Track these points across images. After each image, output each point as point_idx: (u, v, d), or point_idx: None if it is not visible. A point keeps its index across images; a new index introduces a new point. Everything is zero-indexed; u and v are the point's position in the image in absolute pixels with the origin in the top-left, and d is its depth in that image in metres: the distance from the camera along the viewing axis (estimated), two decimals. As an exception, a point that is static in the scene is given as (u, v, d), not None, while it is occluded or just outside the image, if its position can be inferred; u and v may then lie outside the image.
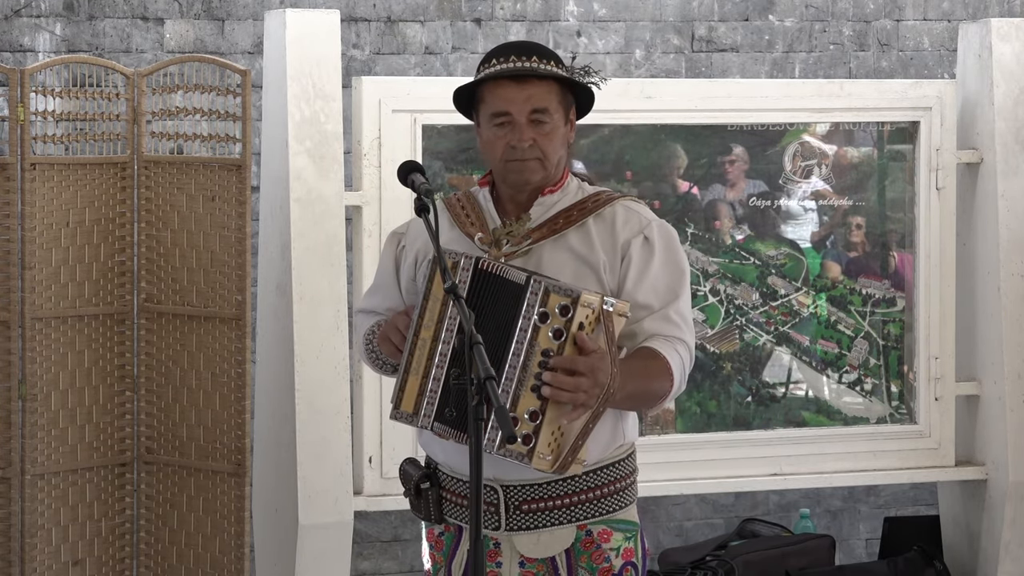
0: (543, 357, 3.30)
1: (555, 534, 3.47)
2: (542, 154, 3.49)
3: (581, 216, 3.52)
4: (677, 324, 3.49)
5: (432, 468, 3.57)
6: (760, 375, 5.75)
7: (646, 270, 3.49)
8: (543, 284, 3.32)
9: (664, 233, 3.53)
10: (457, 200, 3.63)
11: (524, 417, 3.30)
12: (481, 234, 3.54)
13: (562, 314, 3.30)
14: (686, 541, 6.50)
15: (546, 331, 3.31)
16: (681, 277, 3.53)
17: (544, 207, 3.54)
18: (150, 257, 5.27)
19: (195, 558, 5.27)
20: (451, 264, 3.40)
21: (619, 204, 3.54)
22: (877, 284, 5.83)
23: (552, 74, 3.49)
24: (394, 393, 3.47)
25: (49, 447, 5.14)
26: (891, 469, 5.84)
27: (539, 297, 3.31)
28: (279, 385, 5.19)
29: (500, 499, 3.46)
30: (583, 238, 3.51)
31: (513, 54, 3.51)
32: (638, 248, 3.49)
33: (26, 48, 5.91)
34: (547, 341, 3.31)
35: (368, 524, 6.20)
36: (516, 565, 3.50)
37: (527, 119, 3.47)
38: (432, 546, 3.60)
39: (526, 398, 3.30)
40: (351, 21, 6.17)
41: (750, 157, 5.71)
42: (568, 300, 3.31)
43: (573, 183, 3.59)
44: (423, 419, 3.42)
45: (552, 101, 3.49)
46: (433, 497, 3.54)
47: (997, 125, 5.75)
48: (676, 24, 6.53)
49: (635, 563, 3.53)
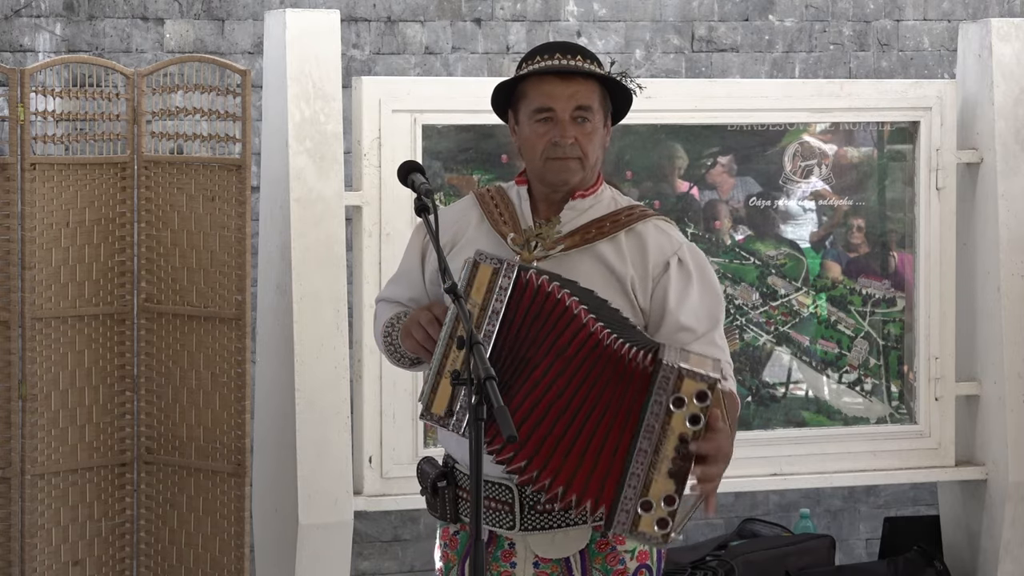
0: (680, 443, 3.27)
1: (570, 535, 3.46)
2: (583, 153, 3.48)
3: (614, 229, 3.50)
4: (721, 348, 3.51)
5: (450, 467, 3.56)
6: (760, 375, 5.75)
7: (686, 293, 3.48)
8: (677, 368, 3.27)
9: (696, 256, 3.53)
10: (490, 195, 3.60)
11: (659, 501, 3.28)
12: (514, 234, 3.51)
13: (699, 400, 3.27)
14: (686, 541, 6.50)
15: (682, 417, 3.27)
16: (719, 303, 3.54)
17: (576, 211, 3.53)
18: (150, 257, 5.27)
19: (195, 558, 5.27)
20: (491, 270, 3.36)
21: (651, 222, 3.53)
22: (877, 284, 5.83)
23: (597, 74, 3.49)
24: (424, 395, 3.40)
25: (49, 447, 5.14)
26: (891, 469, 5.84)
27: (672, 382, 3.27)
28: (279, 385, 5.19)
29: (515, 499, 3.45)
30: (615, 251, 3.49)
31: (558, 52, 3.50)
32: (675, 270, 3.48)
33: (26, 48, 5.91)
34: (682, 426, 3.27)
35: (368, 524, 6.20)
36: (530, 565, 3.49)
37: (570, 116, 3.47)
38: (446, 544, 3.59)
39: (660, 482, 3.27)
40: (351, 21, 6.17)
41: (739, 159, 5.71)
42: (706, 386, 3.27)
43: (607, 192, 3.57)
44: (455, 423, 3.39)
45: (595, 101, 3.49)
46: (449, 496, 3.53)
47: (997, 125, 5.75)
48: (676, 24, 6.53)
49: (650, 566, 3.52)
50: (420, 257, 3.63)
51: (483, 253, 3.39)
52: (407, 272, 3.66)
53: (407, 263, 3.67)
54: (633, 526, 3.28)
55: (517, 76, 3.52)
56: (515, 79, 3.52)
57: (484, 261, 3.37)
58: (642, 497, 3.27)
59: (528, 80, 3.50)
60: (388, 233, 5.26)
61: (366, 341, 5.25)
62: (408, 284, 3.65)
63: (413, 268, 3.64)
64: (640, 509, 3.27)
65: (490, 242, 3.51)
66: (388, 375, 5.28)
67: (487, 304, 3.35)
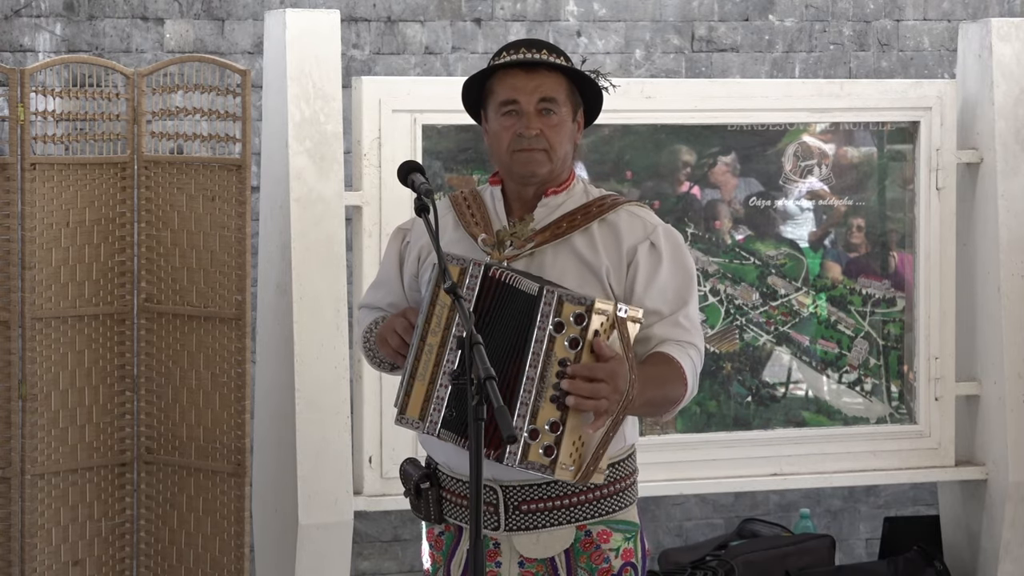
0: (560, 367, 3.29)
1: (554, 534, 3.47)
2: (548, 145, 3.48)
3: (586, 220, 3.51)
4: (687, 329, 3.49)
5: (432, 468, 3.57)
6: (760, 375, 5.75)
7: (654, 276, 3.48)
8: (556, 293, 3.31)
9: (671, 238, 3.53)
10: (463, 198, 3.62)
11: (544, 428, 3.28)
12: (484, 235, 3.53)
13: (577, 322, 3.29)
14: (686, 541, 6.50)
15: (562, 340, 3.29)
16: (689, 282, 3.52)
17: (549, 208, 3.53)
18: (150, 257, 5.27)
19: (195, 558, 5.27)
20: (459, 270, 3.39)
21: (624, 209, 3.53)
22: (877, 284, 5.84)
23: (561, 67, 3.49)
24: (399, 398, 3.45)
25: (49, 447, 5.14)
26: (891, 469, 5.84)
27: (553, 307, 3.30)
28: (279, 385, 5.19)
29: (499, 499, 3.46)
30: (587, 242, 3.50)
31: (524, 47, 3.52)
32: (645, 254, 3.49)
33: (26, 48, 5.91)
34: (563, 351, 3.29)
35: (368, 524, 6.20)
36: (515, 565, 3.50)
37: (535, 108, 3.47)
38: (432, 546, 3.60)
39: (546, 409, 3.29)
40: (351, 21, 6.17)
41: (742, 158, 5.71)
42: (582, 308, 3.29)
43: (579, 185, 3.58)
44: (429, 425, 3.41)
45: (561, 93, 3.49)
46: (433, 497, 3.54)
47: (997, 125, 5.75)
48: (676, 24, 6.53)
49: (635, 564, 3.52)
50: (398, 263, 3.65)
51: (451, 255, 3.40)
52: (386, 280, 3.68)
53: (385, 271, 3.69)
54: (523, 457, 3.28)
55: (483, 71, 3.53)
56: (482, 75, 3.53)
57: (451, 263, 3.40)
58: (531, 425, 3.29)
59: (495, 76, 3.51)
60: (388, 233, 5.25)
61: (366, 341, 5.26)
62: (387, 291, 3.67)
63: (392, 276, 3.66)
64: (529, 437, 3.28)
65: (465, 247, 3.53)
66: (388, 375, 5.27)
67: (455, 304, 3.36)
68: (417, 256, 3.60)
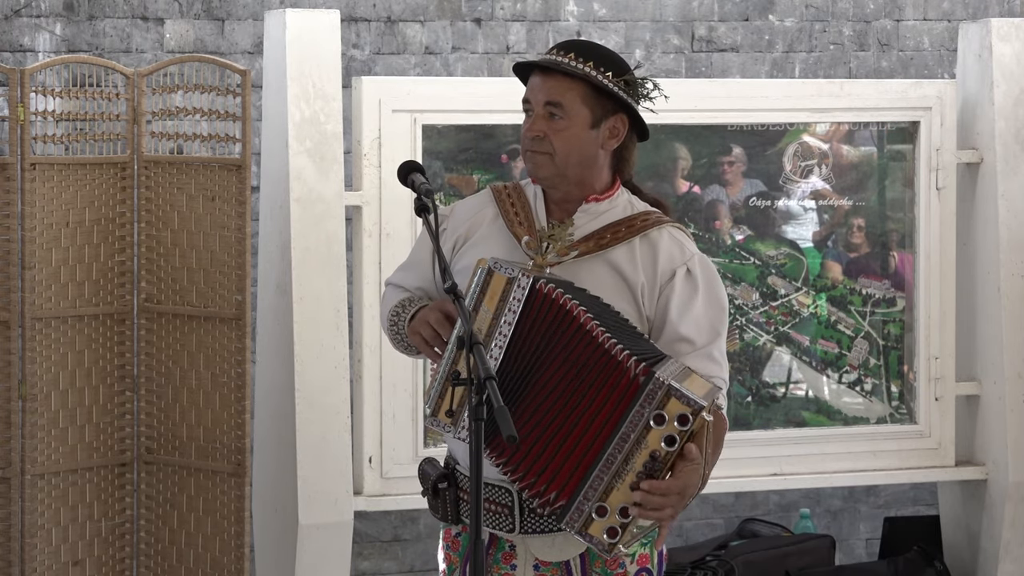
0: (651, 460, 3.25)
1: (570, 538, 3.45)
2: (552, 149, 3.46)
3: (629, 235, 3.48)
4: (719, 364, 3.49)
5: (451, 468, 3.55)
6: (760, 375, 5.75)
7: (690, 304, 3.46)
8: (666, 385, 3.24)
9: (706, 268, 3.51)
10: (507, 192, 3.59)
11: (615, 510, 3.26)
12: (528, 237, 3.49)
13: (680, 423, 3.24)
14: (686, 541, 6.50)
15: (659, 434, 3.24)
16: (722, 315, 3.51)
17: (589, 215, 3.51)
18: (150, 257, 5.27)
19: (195, 558, 5.27)
20: (505, 280, 3.35)
21: (666, 230, 3.51)
22: (877, 284, 5.84)
23: (574, 72, 3.46)
24: (431, 399, 3.41)
25: (49, 447, 5.14)
26: (891, 469, 5.84)
27: (658, 398, 3.24)
28: (279, 385, 5.19)
29: (515, 502, 3.45)
30: (628, 257, 3.47)
31: (556, 48, 3.51)
32: (681, 280, 3.47)
33: (26, 48, 5.91)
34: (657, 443, 3.25)
35: (368, 524, 6.20)
36: (531, 568, 3.48)
37: (543, 111, 3.47)
38: (448, 546, 3.59)
39: (621, 492, 3.26)
40: (351, 21, 6.17)
41: (748, 157, 5.71)
42: (688, 411, 3.24)
43: (623, 196, 3.54)
44: (460, 430, 3.39)
45: (572, 99, 3.46)
46: (451, 497, 3.53)
47: (997, 125, 5.75)
48: (676, 24, 6.53)
49: (650, 569, 3.50)
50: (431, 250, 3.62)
51: (498, 261, 3.38)
52: (417, 263, 3.66)
53: (417, 254, 3.67)
54: (584, 527, 3.27)
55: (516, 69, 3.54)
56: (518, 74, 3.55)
57: (499, 270, 3.36)
58: (600, 501, 3.27)
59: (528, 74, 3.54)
60: (388, 233, 5.26)
61: (366, 341, 5.26)
62: (417, 274, 3.64)
63: (423, 259, 3.63)
64: (595, 513, 3.27)
65: (503, 242, 3.51)
66: (388, 375, 5.28)
67: (499, 313, 3.34)
68: (453, 244, 3.57)
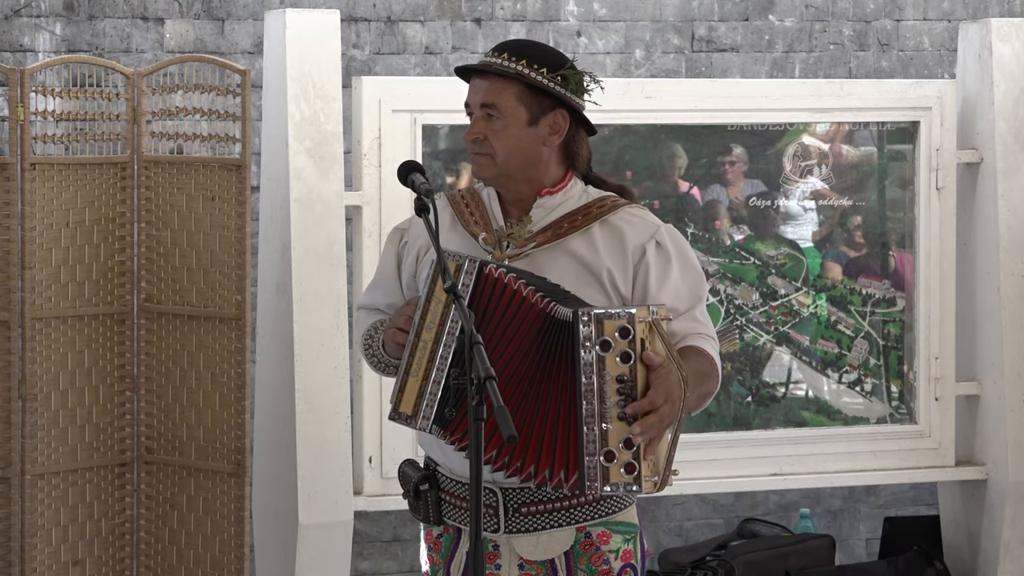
0: (619, 383, 3.27)
1: (554, 536, 3.47)
2: (492, 150, 3.49)
3: (586, 222, 3.50)
4: (704, 323, 3.51)
5: (431, 470, 3.57)
6: (760, 375, 5.75)
7: (666, 274, 3.48)
8: (592, 313, 3.28)
9: (675, 237, 3.53)
10: (461, 197, 3.62)
11: (620, 447, 3.27)
12: (485, 234, 3.53)
13: (623, 336, 3.27)
14: (686, 541, 6.50)
15: (613, 358, 3.27)
16: (700, 279, 3.54)
17: (546, 209, 3.53)
18: (150, 257, 5.27)
19: (195, 558, 5.27)
20: (454, 267, 3.39)
21: (624, 211, 3.53)
22: (877, 284, 5.84)
23: (507, 71, 3.48)
24: (393, 394, 3.45)
25: (49, 447, 5.15)
26: (891, 469, 5.84)
27: (593, 328, 3.27)
28: (279, 385, 5.19)
29: (499, 501, 3.46)
30: (587, 244, 3.49)
31: (492, 50, 3.54)
32: (653, 254, 3.48)
33: (26, 48, 5.91)
34: (617, 367, 3.27)
35: (368, 524, 6.20)
36: (515, 567, 3.49)
37: (480, 113, 3.50)
38: (430, 548, 3.60)
39: (616, 428, 3.27)
40: (351, 21, 6.17)
41: (749, 157, 5.72)
42: (624, 321, 3.27)
43: (577, 186, 3.57)
44: (422, 421, 3.41)
45: (507, 98, 3.48)
46: (432, 499, 3.54)
47: (997, 125, 5.75)
48: (676, 24, 6.53)
49: (634, 565, 3.52)
50: (396, 263, 3.65)
51: (448, 252, 3.40)
52: (384, 280, 3.68)
53: (383, 271, 3.69)
54: (604, 480, 3.27)
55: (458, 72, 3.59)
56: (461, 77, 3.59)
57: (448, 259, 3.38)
58: (603, 449, 3.28)
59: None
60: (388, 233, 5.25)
61: (366, 341, 5.26)
62: (385, 291, 3.67)
63: (390, 276, 3.66)
64: (604, 461, 3.27)
65: (463, 244, 3.53)
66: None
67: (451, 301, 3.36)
68: (416, 256, 3.60)
